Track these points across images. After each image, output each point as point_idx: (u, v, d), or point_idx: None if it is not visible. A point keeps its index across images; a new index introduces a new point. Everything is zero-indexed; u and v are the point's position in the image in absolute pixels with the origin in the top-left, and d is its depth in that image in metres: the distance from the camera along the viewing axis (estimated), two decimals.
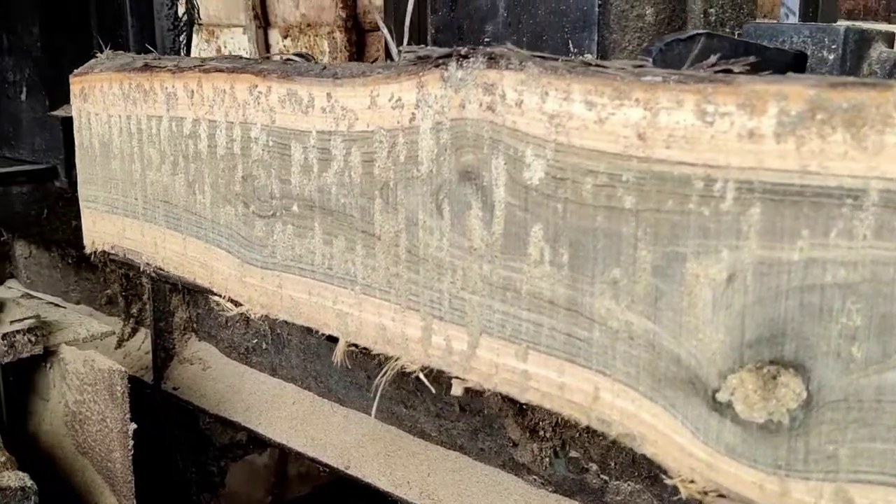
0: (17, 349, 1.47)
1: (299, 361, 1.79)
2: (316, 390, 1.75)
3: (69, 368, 1.50)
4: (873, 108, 0.44)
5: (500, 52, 0.59)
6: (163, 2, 1.89)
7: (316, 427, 1.74)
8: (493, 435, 1.44)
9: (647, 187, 0.54)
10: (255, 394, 1.89)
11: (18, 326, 1.45)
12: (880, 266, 0.46)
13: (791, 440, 0.50)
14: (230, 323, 1.95)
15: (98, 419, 1.45)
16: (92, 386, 1.44)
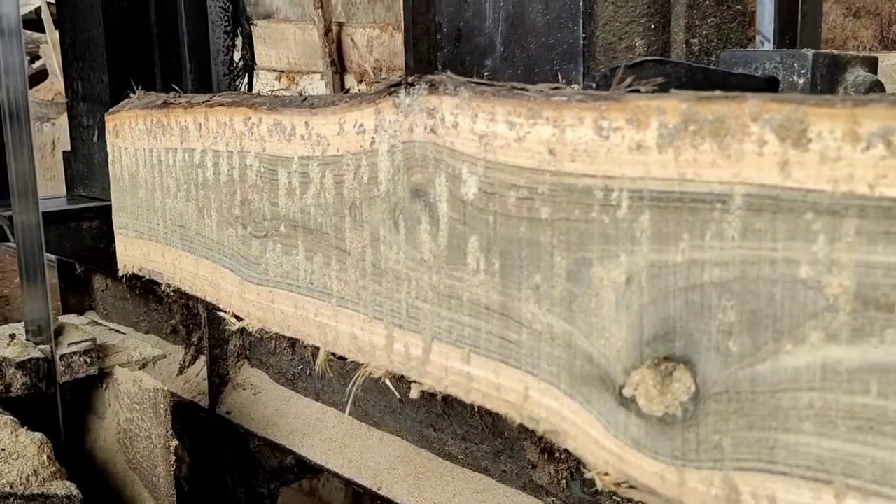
0: (73, 369, 1.55)
1: (340, 387, 1.86)
2: (354, 414, 1.81)
3: (121, 388, 1.56)
4: (733, 119, 0.48)
5: (440, 79, 0.65)
6: (219, 48, 2.01)
7: (353, 449, 1.80)
8: (514, 457, 1.47)
9: (559, 198, 0.58)
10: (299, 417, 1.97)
11: (75, 348, 1.53)
12: (747, 264, 0.49)
13: (684, 431, 0.54)
14: (279, 350, 2.03)
15: (145, 436, 1.51)
16: (140, 404, 1.50)
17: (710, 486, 0.53)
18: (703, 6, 1.00)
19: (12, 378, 1.53)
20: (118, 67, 2.06)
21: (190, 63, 1.97)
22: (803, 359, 0.47)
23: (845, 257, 0.45)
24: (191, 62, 1.97)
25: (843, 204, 0.44)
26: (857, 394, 0.45)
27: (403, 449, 1.71)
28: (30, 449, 1.35)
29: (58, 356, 1.52)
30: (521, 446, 1.46)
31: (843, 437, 0.46)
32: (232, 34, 2.04)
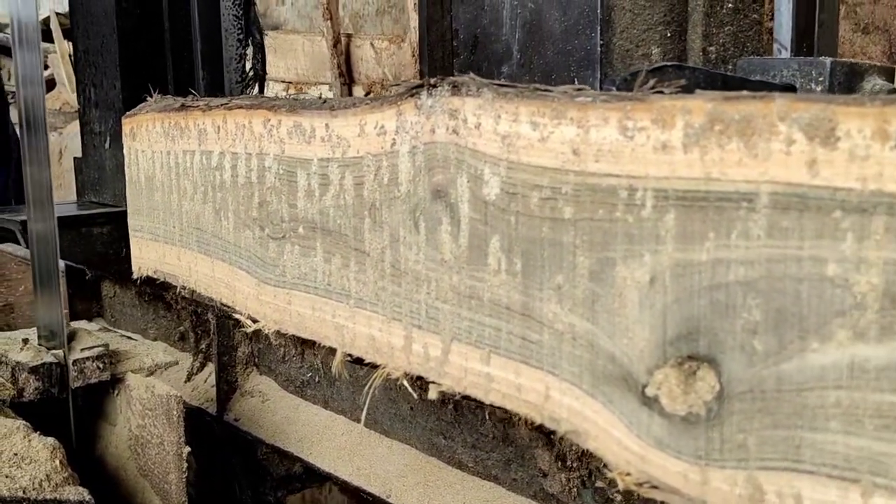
0: (86, 375, 1.54)
1: (349, 394, 1.86)
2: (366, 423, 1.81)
3: (133, 395, 1.55)
4: (760, 119, 0.49)
5: (462, 80, 0.66)
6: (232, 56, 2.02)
7: (362, 457, 1.80)
8: (525, 465, 1.47)
9: (582, 198, 0.59)
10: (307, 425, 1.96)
11: (88, 354, 1.53)
12: (773, 263, 0.49)
13: (708, 431, 0.54)
14: (288, 358, 2.03)
15: (157, 443, 1.51)
16: (152, 411, 1.50)
17: (734, 486, 0.53)
18: (721, 14, 1.01)
19: (25, 383, 1.53)
20: (131, 74, 2.07)
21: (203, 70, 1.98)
22: (830, 357, 0.47)
23: (874, 255, 0.45)
24: (204, 69, 1.98)
25: (872, 202, 0.45)
26: (886, 392, 0.45)
27: (413, 457, 1.71)
28: (42, 454, 1.34)
29: (70, 361, 1.52)
30: (532, 455, 1.46)
31: (871, 436, 0.46)
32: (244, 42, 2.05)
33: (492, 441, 1.52)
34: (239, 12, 2.03)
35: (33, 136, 1.50)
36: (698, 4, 0.98)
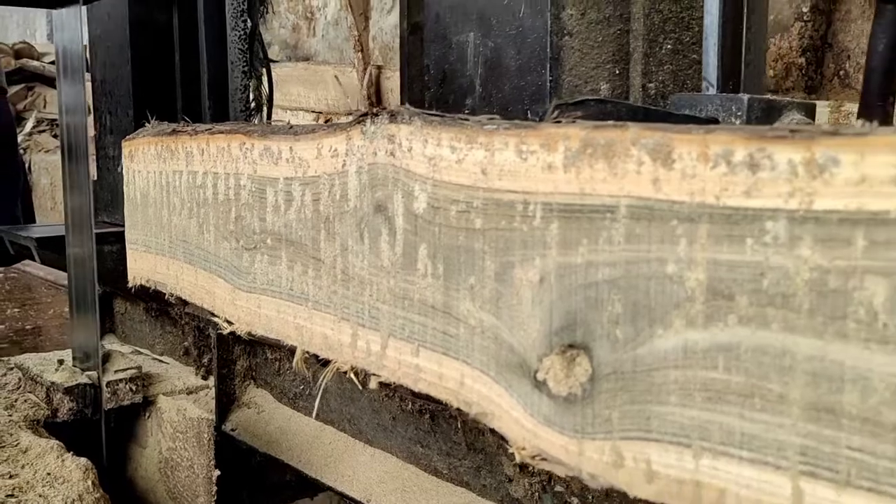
0: (119, 397, 1.56)
1: (337, 405, 1.96)
2: (349, 432, 1.91)
3: (164, 417, 1.56)
4: (619, 144, 0.58)
5: (399, 110, 0.76)
6: (237, 87, 2.15)
7: (346, 464, 1.89)
8: (493, 472, 1.56)
9: (489, 211, 0.69)
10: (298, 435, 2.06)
11: (121, 376, 1.56)
12: (630, 264, 0.59)
13: (583, 408, 0.63)
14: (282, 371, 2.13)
15: (187, 465, 1.50)
16: (183, 434, 1.49)
17: (602, 455, 0.62)
18: (660, 55, 1.11)
19: (59, 403, 1.54)
20: (143, 103, 2.20)
21: (209, 100, 2.11)
22: (670, 342, 0.57)
23: (700, 256, 0.54)
24: (210, 99, 2.10)
25: (698, 212, 0.54)
26: (709, 369, 0.55)
27: (393, 464, 1.80)
28: (75, 474, 1.34)
29: (104, 383, 1.53)
30: (500, 461, 1.55)
31: (699, 407, 0.55)
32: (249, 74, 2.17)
33: (464, 449, 1.62)
34: (244, 47, 2.16)
35: (74, 163, 1.55)
36: (638, 45, 1.08)
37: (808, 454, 0.50)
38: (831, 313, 0.48)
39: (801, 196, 0.49)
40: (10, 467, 1.36)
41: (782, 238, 0.50)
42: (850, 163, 0.47)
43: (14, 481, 1.31)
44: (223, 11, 2.14)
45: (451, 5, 1.22)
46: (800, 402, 0.50)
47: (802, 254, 0.49)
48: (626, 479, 0.60)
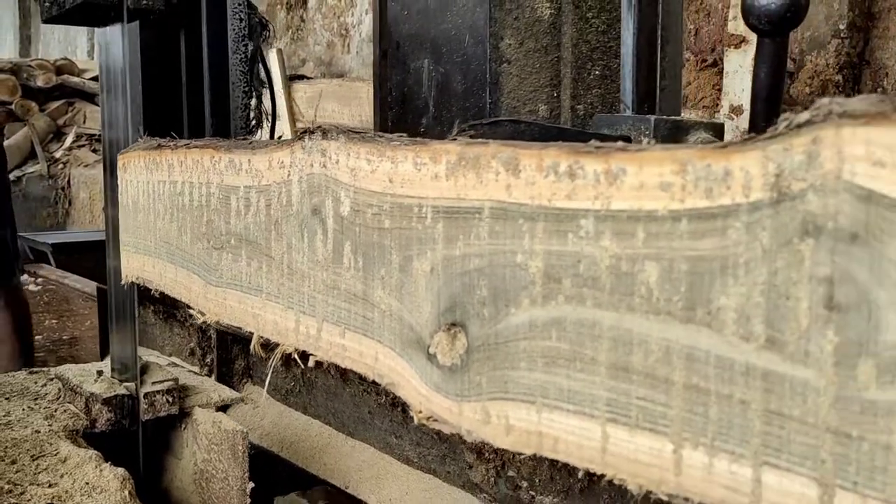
0: (155, 408, 1.55)
1: (323, 401, 2.09)
2: (334, 425, 2.04)
3: (200, 429, 1.55)
4: (483, 157, 0.71)
5: (329, 128, 0.89)
6: (237, 106, 2.30)
7: (329, 455, 2.02)
8: (457, 459, 1.69)
9: (395, 213, 0.81)
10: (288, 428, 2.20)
11: (159, 387, 1.55)
12: (493, 255, 0.71)
13: (462, 376, 0.75)
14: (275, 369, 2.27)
15: (221, 477, 1.49)
16: (218, 445, 1.49)
17: (475, 414, 0.74)
18: (588, 80, 1.23)
19: (98, 413, 1.55)
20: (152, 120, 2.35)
21: (211, 118, 2.26)
22: (520, 318, 0.69)
23: (538, 248, 0.67)
24: (212, 117, 2.25)
25: (537, 212, 0.67)
26: (546, 340, 0.67)
27: (370, 454, 1.93)
28: (113, 484, 1.34)
29: (142, 394, 1.53)
30: (461, 450, 1.67)
31: (540, 371, 0.68)
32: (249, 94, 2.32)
33: (431, 439, 1.74)
34: (245, 69, 2.31)
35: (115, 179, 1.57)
36: (567, 72, 1.21)
37: (612, 404, 0.62)
38: (624, 291, 0.61)
39: (602, 199, 0.61)
40: (50, 476, 1.37)
41: (591, 232, 0.63)
42: (633, 172, 0.59)
43: (53, 490, 1.32)
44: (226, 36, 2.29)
45: (410, 35, 1.36)
46: (605, 364, 0.63)
47: (604, 244, 0.62)
48: (491, 434, 0.73)
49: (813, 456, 0.50)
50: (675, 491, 0.58)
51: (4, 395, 1.70)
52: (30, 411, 1.60)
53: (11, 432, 1.49)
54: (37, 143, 7.69)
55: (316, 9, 6.82)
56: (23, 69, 7.86)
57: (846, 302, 0.48)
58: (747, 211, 0.53)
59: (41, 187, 7.66)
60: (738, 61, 3.40)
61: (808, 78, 3.66)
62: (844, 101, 0.48)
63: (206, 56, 2.21)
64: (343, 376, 2.02)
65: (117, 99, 1.71)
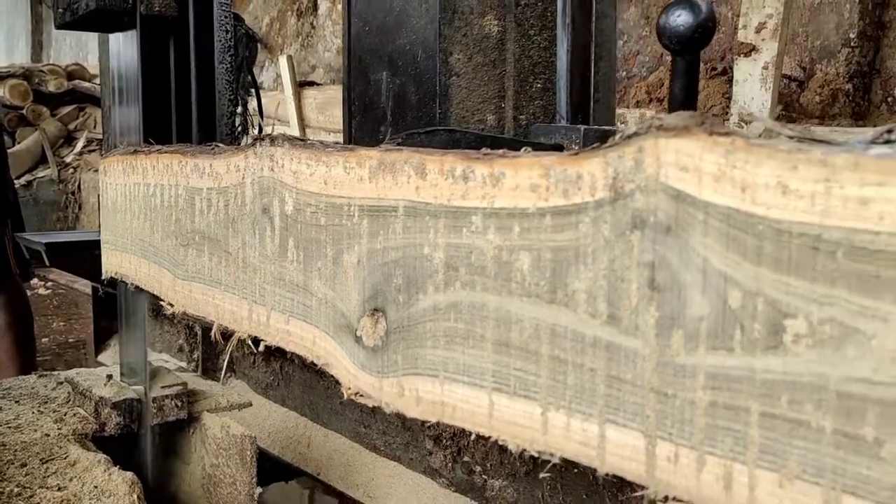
0: (164, 412, 1.54)
1: (300, 393, 2.19)
2: (309, 416, 2.14)
3: (208, 434, 1.54)
4: (398, 163, 0.81)
5: (277, 137, 0.99)
6: (223, 114, 2.39)
7: (303, 444, 2.12)
8: (418, 447, 1.78)
9: (329, 212, 0.91)
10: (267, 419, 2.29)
11: (167, 392, 1.54)
12: (406, 248, 0.81)
13: (382, 355, 0.85)
14: (256, 364, 2.37)
15: (229, 482, 1.48)
16: (226, 451, 1.48)
17: (392, 388, 0.84)
18: (530, 93, 1.33)
19: (107, 417, 1.55)
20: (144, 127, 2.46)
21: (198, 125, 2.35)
22: (427, 303, 0.78)
23: (441, 241, 0.76)
24: (199, 125, 2.35)
25: (440, 210, 0.76)
26: (447, 321, 0.76)
27: (341, 443, 2.03)
28: (121, 488, 1.34)
29: (150, 398, 1.53)
30: (423, 438, 1.77)
31: (443, 348, 0.77)
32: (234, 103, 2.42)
33: (396, 428, 1.84)
34: (231, 78, 2.41)
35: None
36: (510, 85, 1.31)
37: (496, 375, 0.72)
38: (504, 277, 0.70)
39: (488, 198, 0.71)
40: (59, 480, 1.36)
41: (480, 227, 0.72)
42: (510, 175, 0.69)
43: (62, 493, 1.32)
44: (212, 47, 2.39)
45: (370, 49, 1.46)
46: (491, 340, 0.72)
47: (489, 238, 0.71)
48: (404, 405, 0.82)
49: (641, 413, 0.60)
50: (542, 448, 0.68)
51: (14, 399, 1.71)
52: (39, 415, 1.60)
53: (21, 435, 1.49)
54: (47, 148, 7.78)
55: (326, 15, 6.90)
56: (35, 74, 7.91)
57: (663, 283, 0.58)
58: (593, 208, 0.62)
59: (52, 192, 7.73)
60: (748, 70, 3.40)
61: (819, 87, 3.69)
62: (662, 118, 0.58)
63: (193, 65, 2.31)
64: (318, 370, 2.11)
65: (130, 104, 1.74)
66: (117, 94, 1.74)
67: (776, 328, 0.51)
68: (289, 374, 2.23)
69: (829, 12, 3.66)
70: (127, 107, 1.67)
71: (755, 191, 0.52)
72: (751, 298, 0.52)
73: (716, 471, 0.55)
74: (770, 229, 0.51)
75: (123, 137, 1.65)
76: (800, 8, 3.69)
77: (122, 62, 1.72)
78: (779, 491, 0.52)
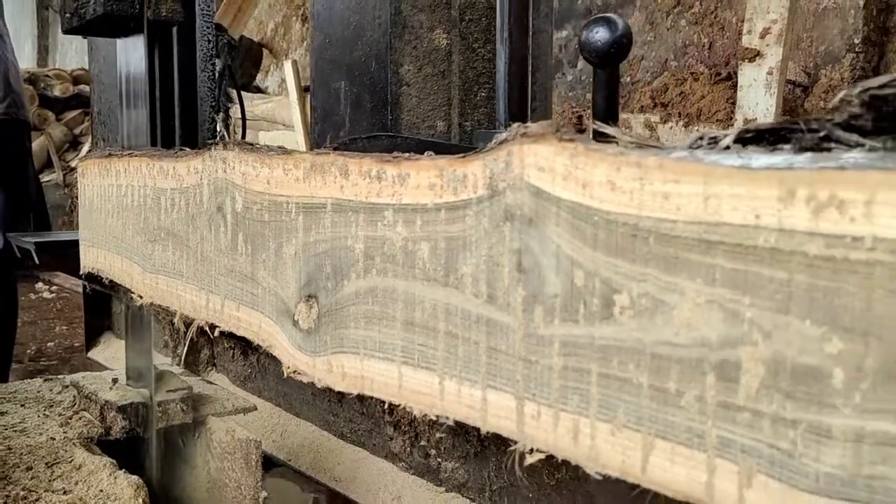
0: (169, 416, 1.53)
1: (274, 384, 2.28)
2: (284, 406, 2.23)
3: (213, 438, 1.54)
4: (326, 165, 0.90)
5: (228, 142, 1.09)
6: (204, 119, 2.49)
7: (277, 433, 2.21)
8: (380, 433, 1.88)
9: (272, 209, 1.01)
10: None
11: (173, 396, 1.54)
12: (334, 240, 0.91)
13: (315, 337, 0.94)
14: (235, 358, 2.46)
15: (234, 486, 1.47)
16: (231, 454, 1.48)
17: (323, 366, 0.93)
18: (475, 101, 1.43)
19: (112, 421, 1.56)
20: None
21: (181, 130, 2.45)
22: (350, 288, 0.88)
23: (361, 233, 0.86)
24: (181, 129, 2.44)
25: (360, 206, 0.86)
26: (366, 304, 0.86)
27: (311, 431, 2.13)
28: (126, 492, 1.34)
29: (155, 402, 1.53)
30: (384, 425, 1.86)
31: (363, 328, 0.87)
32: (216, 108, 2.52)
33: (361, 416, 1.93)
34: (213, 86, 2.51)
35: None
36: (455, 94, 1.41)
37: (404, 351, 0.82)
38: (409, 265, 0.80)
39: (397, 196, 0.81)
40: (65, 484, 1.36)
41: (391, 221, 0.82)
42: (414, 175, 0.79)
43: (68, 497, 1.32)
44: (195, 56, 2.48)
45: (331, 60, 1.56)
46: (401, 319, 0.82)
47: (398, 230, 0.81)
48: (333, 380, 0.92)
49: (512, 378, 0.69)
50: (440, 412, 0.77)
51: (20, 402, 1.71)
52: (45, 418, 1.61)
53: (27, 439, 1.50)
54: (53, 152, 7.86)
55: None
56: (40, 79, 7.96)
57: (528, 266, 0.67)
58: (476, 203, 0.72)
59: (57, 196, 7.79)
60: (753, 75, 3.38)
61: (823, 92, 3.72)
62: (527, 126, 0.68)
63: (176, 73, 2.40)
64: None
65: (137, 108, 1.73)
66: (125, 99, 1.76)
67: (608, 302, 0.61)
68: (264, 366, 2.33)
69: (833, 18, 3.65)
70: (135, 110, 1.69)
71: (592, 188, 0.61)
72: (590, 278, 0.62)
73: (567, 424, 0.65)
74: (603, 220, 0.61)
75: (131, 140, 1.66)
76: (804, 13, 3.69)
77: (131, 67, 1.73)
78: (612, 439, 0.61)
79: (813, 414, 0.49)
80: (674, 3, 4.44)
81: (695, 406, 0.55)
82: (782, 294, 0.50)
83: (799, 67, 3.81)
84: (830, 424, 0.48)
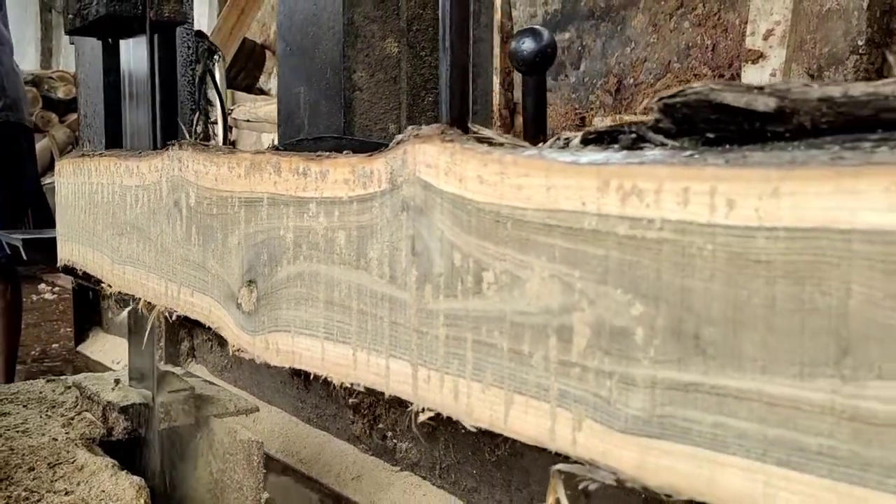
0: (171, 417, 1.54)
1: (248, 374, 2.38)
2: (256, 394, 2.32)
3: (216, 439, 1.55)
4: (263, 164, 1.00)
5: (183, 142, 1.18)
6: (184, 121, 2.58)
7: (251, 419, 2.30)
8: (343, 417, 1.97)
9: (220, 204, 1.10)
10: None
11: (174, 397, 1.56)
12: (270, 231, 1.00)
13: (255, 318, 1.04)
14: (213, 349, 2.55)
15: (236, 487, 1.47)
16: (233, 455, 1.49)
17: (262, 344, 1.03)
18: (423, 105, 1.53)
19: (115, 422, 1.58)
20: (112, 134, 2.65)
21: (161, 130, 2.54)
22: (283, 274, 0.98)
23: (292, 224, 0.96)
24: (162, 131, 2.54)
25: (291, 201, 0.96)
26: (296, 287, 0.96)
27: (280, 417, 2.22)
28: (128, 493, 1.33)
29: (158, 403, 1.54)
30: (347, 410, 1.96)
31: (293, 309, 0.96)
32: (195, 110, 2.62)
33: (326, 401, 2.03)
34: (192, 89, 2.60)
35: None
36: (404, 99, 1.50)
37: (326, 327, 0.91)
38: (330, 251, 0.90)
39: (320, 190, 0.90)
40: (67, 484, 1.37)
41: (314, 212, 0.91)
42: (332, 172, 0.88)
43: (70, 498, 1.32)
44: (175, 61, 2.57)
45: (293, 67, 1.65)
46: (323, 300, 0.91)
47: (321, 220, 0.91)
48: (269, 356, 1.01)
49: (409, 347, 0.79)
50: (354, 381, 0.87)
51: (22, 403, 1.75)
52: (47, 419, 1.61)
53: (29, 440, 1.50)
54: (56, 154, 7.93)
55: None
56: (44, 81, 8.00)
57: (420, 250, 0.77)
58: (380, 196, 0.82)
59: None
60: (756, 76, 3.34)
61: None
62: (420, 128, 0.77)
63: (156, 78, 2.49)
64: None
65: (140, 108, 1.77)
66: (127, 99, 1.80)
67: (479, 279, 0.70)
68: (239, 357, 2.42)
69: (837, 19, 3.61)
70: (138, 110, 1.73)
71: (466, 181, 0.71)
72: (466, 259, 0.72)
73: (449, 385, 0.74)
74: (475, 209, 0.70)
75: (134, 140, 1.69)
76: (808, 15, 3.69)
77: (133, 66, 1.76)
78: (482, 396, 0.71)
79: (623, 366, 0.59)
80: (677, 4, 4.50)
81: (542, 364, 0.65)
82: (602, 268, 0.60)
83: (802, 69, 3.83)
84: (635, 374, 0.58)
